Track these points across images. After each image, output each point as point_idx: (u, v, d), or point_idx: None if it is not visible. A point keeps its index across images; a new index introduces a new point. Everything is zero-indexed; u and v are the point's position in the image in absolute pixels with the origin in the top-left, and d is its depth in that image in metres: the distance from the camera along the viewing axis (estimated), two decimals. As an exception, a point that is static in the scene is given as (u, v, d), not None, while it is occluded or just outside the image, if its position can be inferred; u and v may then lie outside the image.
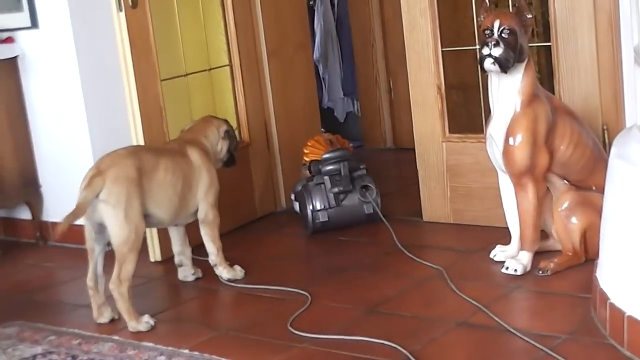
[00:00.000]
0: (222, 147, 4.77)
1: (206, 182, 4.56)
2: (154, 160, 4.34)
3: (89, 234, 4.23)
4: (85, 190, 4.10)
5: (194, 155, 4.55)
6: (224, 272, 4.68)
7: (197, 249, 4.77)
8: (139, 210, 4.18)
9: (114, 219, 4.11)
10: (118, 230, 4.12)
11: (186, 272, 4.78)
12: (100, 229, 4.18)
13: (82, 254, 4.31)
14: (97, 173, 4.14)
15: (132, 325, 4.16)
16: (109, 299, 4.26)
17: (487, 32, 4.18)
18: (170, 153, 4.49)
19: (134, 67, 4.96)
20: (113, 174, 4.13)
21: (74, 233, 5.30)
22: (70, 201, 4.12)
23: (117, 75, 5.08)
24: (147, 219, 4.30)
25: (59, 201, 5.60)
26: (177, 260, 4.79)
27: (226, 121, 4.89)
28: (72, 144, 5.54)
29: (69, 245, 5.54)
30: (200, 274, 4.77)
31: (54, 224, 5.70)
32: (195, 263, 4.79)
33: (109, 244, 4.22)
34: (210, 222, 4.60)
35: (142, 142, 4.97)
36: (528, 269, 4.31)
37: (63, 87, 5.50)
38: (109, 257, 4.23)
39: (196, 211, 4.57)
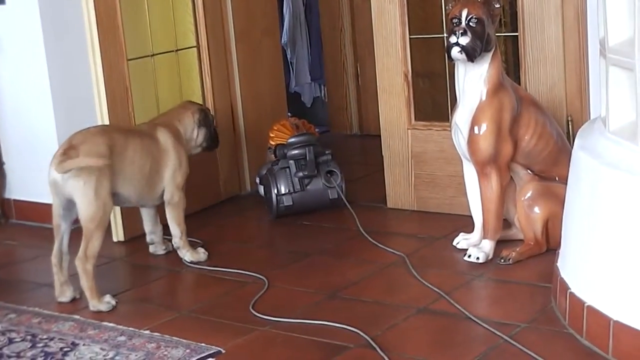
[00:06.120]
0: (198, 133, 4.78)
1: (174, 164, 4.56)
2: (123, 140, 4.35)
3: (57, 209, 4.21)
4: (61, 155, 4.09)
5: (163, 137, 4.55)
6: (187, 254, 4.68)
7: (164, 228, 4.80)
8: (108, 189, 4.19)
9: (84, 195, 4.10)
10: (87, 206, 4.11)
11: (157, 248, 4.84)
12: (69, 205, 4.17)
13: (45, 232, 4.29)
14: (70, 147, 4.14)
15: (94, 304, 4.15)
16: (72, 278, 4.25)
17: (455, 20, 4.19)
18: (139, 134, 4.50)
19: (100, 45, 4.93)
20: (86, 150, 4.13)
21: (37, 212, 5.29)
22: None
23: (83, 53, 5.04)
24: (114, 197, 4.30)
25: (21, 179, 5.57)
26: (148, 238, 4.84)
27: (204, 108, 4.90)
28: (36, 122, 5.49)
29: (31, 224, 5.52)
30: (170, 248, 4.79)
31: (17, 201, 5.67)
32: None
33: (75, 221, 4.21)
34: (175, 204, 4.61)
35: (107, 122, 4.95)
36: (490, 257, 4.34)
37: (28, 64, 5.45)
38: (75, 236, 4.22)
39: (163, 193, 4.58)
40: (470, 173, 4.43)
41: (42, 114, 5.46)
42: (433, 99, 5.36)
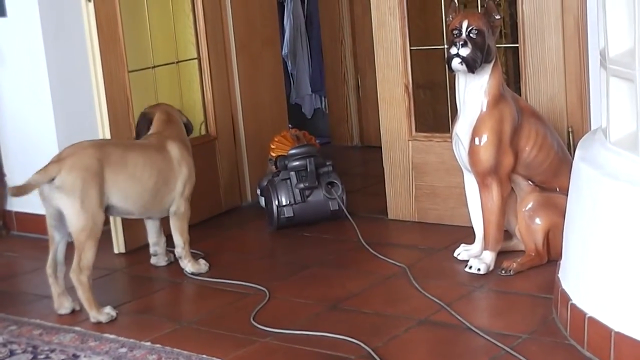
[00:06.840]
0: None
1: (185, 176, 4.59)
2: (121, 153, 4.34)
3: (49, 220, 4.22)
4: (37, 173, 4.10)
5: (174, 150, 4.56)
6: (188, 265, 4.68)
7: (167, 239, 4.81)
8: (97, 200, 4.17)
9: (70, 207, 4.11)
10: (75, 218, 4.12)
11: (159, 259, 4.85)
12: (60, 216, 4.17)
13: (45, 244, 4.29)
14: (56, 160, 4.16)
15: (93, 315, 4.15)
16: (70, 289, 4.24)
17: (456, 32, 4.20)
18: (143, 148, 4.50)
19: (101, 58, 4.94)
20: (70, 162, 4.13)
21: (38, 224, 5.28)
22: (35, 191, 4.10)
23: (84, 65, 5.05)
24: (113, 209, 4.31)
25: (23, 191, 5.57)
26: (152, 250, 4.85)
27: (173, 109, 4.92)
28: (37, 134, 5.50)
29: (32, 235, 5.52)
30: (172, 259, 4.81)
31: (18, 213, 5.68)
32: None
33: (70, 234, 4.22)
34: (181, 215, 4.62)
35: (108, 134, 4.97)
36: (491, 268, 4.33)
37: (30, 77, 5.46)
38: (72, 247, 4.21)
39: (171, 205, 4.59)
40: (471, 184, 4.43)
41: (43, 126, 5.46)
42: (434, 110, 5.36)
